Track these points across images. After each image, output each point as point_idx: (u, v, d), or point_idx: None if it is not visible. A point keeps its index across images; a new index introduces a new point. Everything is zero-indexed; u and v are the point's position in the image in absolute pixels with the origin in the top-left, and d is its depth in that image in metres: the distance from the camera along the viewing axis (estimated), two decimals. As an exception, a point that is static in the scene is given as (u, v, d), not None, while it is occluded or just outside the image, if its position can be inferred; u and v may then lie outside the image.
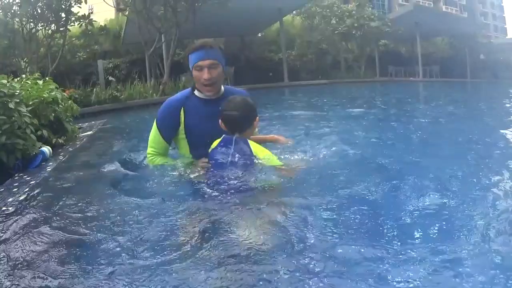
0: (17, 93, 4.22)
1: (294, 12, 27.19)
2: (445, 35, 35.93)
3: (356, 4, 30.05)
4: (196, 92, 3.12)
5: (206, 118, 3.03)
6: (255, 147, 2.91)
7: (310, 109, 9.70)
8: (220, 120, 2.93)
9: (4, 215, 2.62)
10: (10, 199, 2.90)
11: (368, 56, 30.15)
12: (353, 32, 27.14)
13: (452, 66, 33.47)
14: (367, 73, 28.65)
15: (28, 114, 4.18)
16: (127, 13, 18.77)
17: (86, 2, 16.73)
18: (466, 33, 34.57)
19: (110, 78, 17.60)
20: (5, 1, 16.35)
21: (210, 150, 3.00)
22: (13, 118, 3.92)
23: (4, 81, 4.39)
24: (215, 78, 2.98)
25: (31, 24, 16.58)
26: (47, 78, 5.73)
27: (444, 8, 61.32)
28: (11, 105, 3.97)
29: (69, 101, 5.73)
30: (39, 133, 4.36)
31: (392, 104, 11.91)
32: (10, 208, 2.71)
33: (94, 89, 14.41)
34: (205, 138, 3.01)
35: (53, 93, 5.07)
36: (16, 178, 3.55)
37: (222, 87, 3.13)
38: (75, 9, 16.62)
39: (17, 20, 16.54)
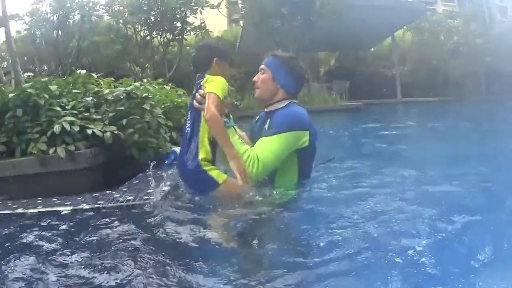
0: (150, 96, 4.78)
1: (404, 27, 27.04)
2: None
3: (462, 20, 29.33)
4: None
5: (255, 129, 3.29)
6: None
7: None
8: None
9: (144, 206, 3.09)
10: (149, 190, 3.38)
11: (475, 73, 29.15)
12: (460, 49, 26.53)
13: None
14: (474, 91, 27.72)
15: (162, 116, 4.75)
16: (241, 24, 19.73)
17: (201, 13, 17.83)
18: None
19: (230, 87, 18.65)
20: (115, 9, 17.86)
21: None
22: (146, 118, 4.46)
23: (137, 84, 5.01)
24: (259, 82, 3.22)
25: (145, 31, 17.99)
26: (169, 84, 6.36)
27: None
28: (146, 106, 4.56)
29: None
30: (168, 134, 4.87)
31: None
32: (153, 197, 3.18)
33: None
34: None
35: (183, 98, 5.65)
36: (149, 173, 4.01)
37: (283, 103, 3.14)
38: (190, 19, 17.81)
39: (129, 26, 18.00)
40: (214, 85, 3.04)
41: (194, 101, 3.11)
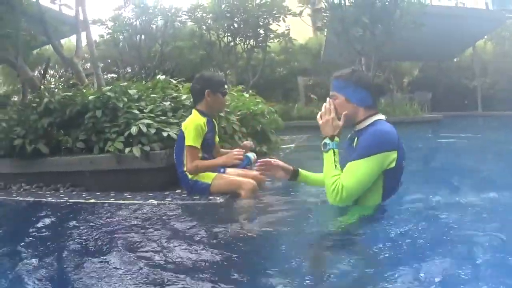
0: (227, 103, 5.06)
1: (485, 37, 26.16)
2: None
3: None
4: None
5: (344, 146, 3.22)
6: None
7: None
8: None
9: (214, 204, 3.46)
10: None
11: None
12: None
13: None
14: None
15: (236, 122, 5.02)
16: (325, 32, 19.98)
17: (284, 21, 18.21)
18: None
19: (312, 95, 19.03)
20: (198, 15, 18.57)
21: None
22: (222, 124, 4.76)
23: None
24: (338, 110, 3.11)
25: (228, 37, 18.60)
26: (250, 91, 6.65)
27: None
28: (222, 113, 4.83)
29: (275, 115, 6.59)
30: (244, 140, 5.13)
31: None
32: (219, 199, 3.60)
33: (296, 105, 16.48)
34: None
35: (260, 106, 5.92)
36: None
37: (370, 120, 3.09)
38: (273, 26, 18.21)
39: (213, 32, 18.68)
40: (187, 135, 3.72)
41: None
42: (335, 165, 2.97)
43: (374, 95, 3.15)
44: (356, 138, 3.04)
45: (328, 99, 3.14)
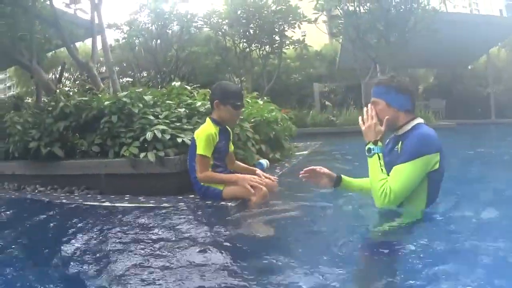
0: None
1: (499, 44, 26.00)
2: None
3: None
4: None
5: (385, 152, 3.26)
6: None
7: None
8: None
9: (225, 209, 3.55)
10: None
11: None
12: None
13: None
14: None
15: (250, 129, 5.08)
16: (340, 39, 20.10)
17: (300, 28, 18.35)
18: None
19: (327, 102, 19.17)
20: (214, 21, 18.74)
21: None
22: (236, 131, 4.82)
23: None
24: (379, 116, 3.23)
25: (244, 43, 18.74)
26: (265, 98, 6.71)
27: None
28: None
29: (288, 122, 6.66)
30: (257, 147, 5.20)
31: None
32: (230, 204, 3.68)
33: (311, 112, 16.59)
34: None
35: (273, 113, 5.99)
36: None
37: (411, 125, 3.20)
38: (289, 33, 18.35)
39: (228, 38, 18.84)
40: (198, 144, 3.77)
41: None
42: (381, 169, 3.07)
43: (413, 101, 3.26)
44: (400, 142, 3.13)
45: (369, 105, 3.25)
